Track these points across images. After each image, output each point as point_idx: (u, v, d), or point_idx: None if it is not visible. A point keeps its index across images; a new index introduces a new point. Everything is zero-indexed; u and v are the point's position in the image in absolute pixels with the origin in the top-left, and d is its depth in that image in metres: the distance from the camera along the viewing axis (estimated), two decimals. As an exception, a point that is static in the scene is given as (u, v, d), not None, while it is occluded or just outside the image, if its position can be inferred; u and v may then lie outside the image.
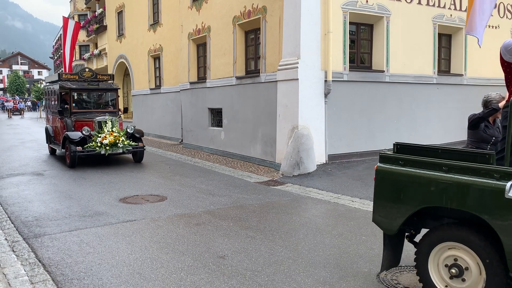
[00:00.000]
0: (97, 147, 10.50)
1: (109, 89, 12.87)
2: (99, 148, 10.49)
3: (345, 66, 10.30)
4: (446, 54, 12.74)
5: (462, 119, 12.61)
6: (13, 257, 4.75)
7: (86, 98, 12.72)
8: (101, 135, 10.67)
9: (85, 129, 10.75)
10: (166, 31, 17.38)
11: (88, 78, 12.71)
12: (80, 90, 12.39)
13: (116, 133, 10.76)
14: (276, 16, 10.44)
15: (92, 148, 10.52)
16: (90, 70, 13.09)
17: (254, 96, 11.44)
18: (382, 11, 10.71)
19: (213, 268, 4.38)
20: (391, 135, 11.14)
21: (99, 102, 12.91)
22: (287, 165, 9.55)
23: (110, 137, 10.57)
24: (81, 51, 38.26)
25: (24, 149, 14.75)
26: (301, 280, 4.09)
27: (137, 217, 6.32)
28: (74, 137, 10.66)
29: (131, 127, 11.33)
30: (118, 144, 10.63)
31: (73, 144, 10.57)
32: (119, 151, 10.76)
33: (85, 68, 13.36)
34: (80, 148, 10.50)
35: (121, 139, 10.72)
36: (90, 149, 10.52)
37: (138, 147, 11.22)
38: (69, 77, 12.59)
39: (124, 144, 10.74)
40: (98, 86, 12.76)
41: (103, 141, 10.51)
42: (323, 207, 6.97)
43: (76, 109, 11.97)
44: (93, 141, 10.61)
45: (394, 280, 4.08)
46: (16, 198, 7.61)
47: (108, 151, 10.51)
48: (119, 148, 10.69)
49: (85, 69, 13.27)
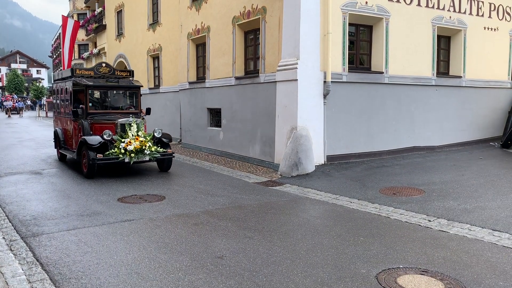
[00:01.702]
0: (120, 154, 9.04)
1: (131, 86, 11.11)
2: (122, 155, 9.03)
3: (344, 67, 10.31)
4: (445, 56, 12.77)
5: (460, 120, 12.70)
6: (11, 256, 4.74)
7: (104, 97, 11.08)
8: (124, 140, 9.18)
9: (106, 133, 9.25)
10: (165, 31, 17.37)
11: (105, 74, 11.04)
12: (98, 87, 10.72)
13: (142, 138, 9.30)
14: (276, 16, 10.45)
15: (114, 155, 9.06)
16: (107, 65, 11.32)
17: (253, 96, 11.44)
18: (382, 12, 10.73)
19: (211, 268, 4.38)
20: (390, 137, 11.18)
21: (118, 102, 11.24)
22: (285, 166, 9.55)
23: (136, 143, 9.11)
24: (80, 50, 38.23)
25: (22, 148, 14.73)
26: (299, 280, 4.09)
27: (135, 216, 6.31)
28: (93, 142, 9.16)
29: (158, 131, 9.92)
30: (144, 151, 9.18)
31: (91, 151, 9.08)
32: (145, 158, 9.27)
33: (101, 63, 11.47)
34: (100, 155, 9.00)
35: (147, 144, 9.27)
36: (113, 156, 9.06)
37: (166, 154, 9.74)
38: (84, 73, 10.97)
39: (151, 151, 9.28)
40: (118, 83, 11.06)
41: (128, 147, 9.05)
42: (321, 208, 6.97)
43: (93, 110, 10.39)
44: (115, 147, 9.16)
45: (392, 281, 4.08)
46: (14, 197, 7.60)
47: (132, 159, 9.05)
48: (146, 156, 9.21)
49: (102, 63, 11.40)
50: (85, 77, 10.74)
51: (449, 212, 6.37)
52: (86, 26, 33.37)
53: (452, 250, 4.90)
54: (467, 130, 12.90)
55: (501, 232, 5.47)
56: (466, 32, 12.50)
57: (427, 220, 6.07)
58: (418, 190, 7.82)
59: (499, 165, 10.08)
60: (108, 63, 11.60)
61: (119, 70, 11.49)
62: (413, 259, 4.64)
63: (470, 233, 5.48)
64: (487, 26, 13.04)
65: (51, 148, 14.71)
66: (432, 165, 10.10)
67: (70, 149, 11.00)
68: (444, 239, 5.31)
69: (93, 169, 9.11)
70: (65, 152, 11.31)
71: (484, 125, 13.34)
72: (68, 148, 11.29)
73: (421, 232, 5.58)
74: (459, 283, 4.02)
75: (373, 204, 6.99)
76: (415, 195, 7.48)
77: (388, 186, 8.16)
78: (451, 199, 7.12)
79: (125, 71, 11.65)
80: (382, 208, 6.75)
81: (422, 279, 4.12)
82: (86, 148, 9.19)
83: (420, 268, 4.38)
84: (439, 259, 4.61)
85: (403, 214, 6.43)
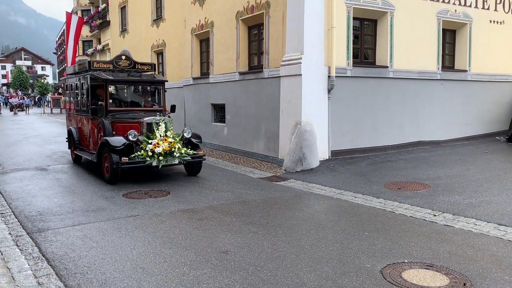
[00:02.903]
0: (147, 157, 8.08)
1: (154, 81, 10.08)
2: (149, 158, 8.07)
3: (349, 61, 10.26)
4: (450, 50, 12.68)
5: (466, 115, 12.62)
6: (17, 251, 4.77)
7: (125, 93, 10.23)
8: (152, 141, 8.22)
9: (132, 134, 8.24)
10: (169, 27, 17.35)
11: (125, 67, 10.10)
12: (119, 82, 9.79)
13: (171, 139, 8.34)
14: (280, 11, 10.40)
15: (140, 158, 8.09)
16: (127, 58, 10.28)
17: (257, 91, 11.42)
18: (386, 6, 10.65)
19: (215, 263, 4.39)
20: (394, 131, 11.13)
21: (140, 98, 10.30)
22: (290, 161, 9.54)
23: (164, 144, 8.17)
24: (84, 46, 38.34)
25: (27, 144, 14.80)
26: (303, 275, 4.09)
27: (140, 212, 6.34)
28: (117, 144, 8.14)
29: (188, 130, 8.95)
30: (173, 153, 8.24)
31: (114, 153, 8.07)
32: (175, 162, 8.33)
33: (120, 55, 10.35)
34: (125, 158, 8.04)
35: (177, 146, 8.32)
36: (139, 159, 8.10)
37: (197, 157, 8.80)
38: (102, 66, 9.97)
39: (180, 153, 8.35)
40: (140, 77, 10.09)
41: (155, 149, 8.10)
42: (326, 203, 6.96)
43: (114, 107, 9.41)
44: (142, 149, 8.20)
45: (397, 275, 4.07)
46: (20, 193, 7.64)
47: (161, 162, 8.09)
48: (175, 158, 8.28)
49: (121, 56, 10.32)
50: (103, 71, 9.79)
51: (454, 207, 6.34)
52: (90, 23, 33.42)
53: (457, 245, 4.88)
54: (472, 124, 12.82)
55: (506, 226, 5.44)
56: (471, 26, 12.39)
57: (432, 215, 6.05)
58: (423, 184, 7.79)
59: (505, 160, 10.01)
60: (128, 56, 10.31)
61: (140, 63, 10.53)
62: (418, 253, 4.63)
63: (475, 228, 5.46)
64: (492, 19, 12.92)
65: (56, 144, 14.79)
66: (437, 159, 10.05)
67: (87, 150, 10.10)
68: (449, 233, 5.29)
69: (117, 174, 8.09)
70: (80, 153, 10.22)
71: (490, 119, 13.26)
72: (84, 149, 10.34)
73: (426, 227, 5.56)
74: (464, 278, 4.01)
75: (378, 199, 6.97)
76: (420, 189, 7.46)
77: (393, 181, 8.13)
78: (456, 193, 7.09)
79: (146, 64, 10.64)
80: (387, 203, 6.73)
81: (427, 274, 4.11)
82: (109, 150, 8.20)
83: (425, 263, 4.37)
84: (444, 254, 4.60)
85: (408, 208, 6.41)
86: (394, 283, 3.90)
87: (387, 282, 3.94)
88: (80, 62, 12.16)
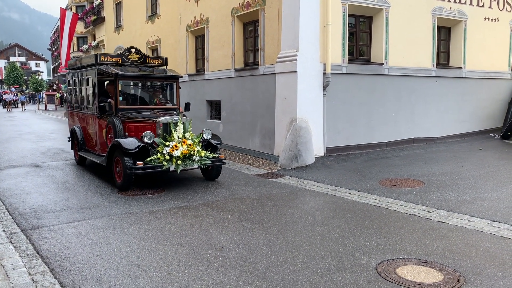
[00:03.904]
0: (164, 161, 7.26)
1: (168, 77, 9.20)
2: (167, 162, 7.26)
3: (344, 58, 10.27)
4: (445, 47, 12.72)
5: (460, 112, 12.68)
6: (11, 248, 4.75)
7: (136, 89, 9.43)
8: (169, 143, 7.39)
9: (147, 135, 7.41)
10: (164, 23, 17.28)
11: (135, 61, 9.24)
12: (131, 78, 8.96)
13: (190, 141, 7.52)
14: (275, 8, 10.38)
15: (157, 162, 7.29)
16: (137, 51, 9.39)
17: (252, 88, 11.41)
18: (382, 3, 10.66)
19: (211, 260, 4.39)
20: (389, 128, 11.17)
21: (152, 95, 9.42)
22: (285, 158, 9.55)
23: (183, 147, 7.35)
24: (79, 42, 38.10)
25: (22, 141, 14.72)
26: (298, 271, 4.11)
27: (135, 209, 6.32)
28: (130, 146, 7.28)
29: (207, 131, 8.17)
30: (193, 157, 7.45)
31: (127, 157, 7.25)
32: (194, 166, 7.53)
33: (130, 48, 9.40)
34: (140, 163, 7.19)
35: (196, 149, 7.52)
36: (156, 164, 7.29)
37: (217, 160, 7.99)
38: (110, 60, 9.10)
39: (200, 157, 7.56)
40: (152, 72, 9.20)
41: (173, 152, 7.28)
42: (321, 200, 6.98)
43: (124, 105, 8.62)
44: (158, 152, 7.40)
45: (391, 271, 4.09)
46: (14, 190, 7.60)
47: (179, 167, 7.29)
48: (194, 162, 7.48)
49: (130, 49, 9.36)
50: (111, 65, 8.99)
51: (448, 203, 6.38)
52: (84, 19, 33.23)
53: (451, 241, 4.91)
54: (467, 121, 12.88)
55: (500, 222, 5.48)
56: (466, 23, 12.44)
57: (426, 211, 6.08)
58: (417, 181, 7.82)
59: (499, 156, 10.08)
60: (138, 49, 9.52)
61: (151, 57, 9.75)
62: (413, 250, 4.65)
63: (469, 224, 5.49)
64: (487, 17, 12.98)
65: (51, 141, 14.72)
66: (431, 156, 10.10)
67: (93, 152, 9.30)
68: (443, 230, 5.32)
69: (131, 180, 7.30)
70: (85, 154, 9.41)
71: (484, 116, 13.33)
72: (89, 150, 9.54)
73: (421, 223, 5.59)
74: (458, 274, 4.03)
75: (373, 196, 7.00)
76: (414, 186, 7.49)
77: (388, 178, 8.16)
78: (450, 190, 7.12)
79: (157, 58, 9.86)
80: (382, 200, 6.76)
81: (421, 270, 4.13)
82: (121, 153, 7.34)
83: (419, 259, 4.39)
84: (439, 250, 4.63)
85: (403, 205, 6.44)
86: (388, 280, 3.92)
87: (381, 278, 3.96)
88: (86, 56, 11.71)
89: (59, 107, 39.66)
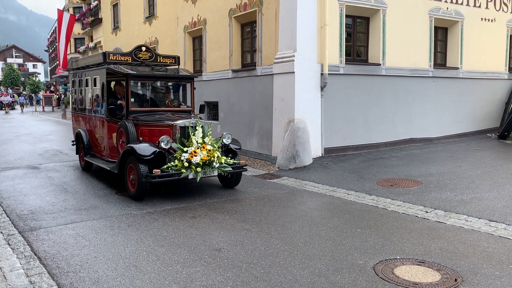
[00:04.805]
0: (183, 168, 6.67)
1: (183, 77, 8.74)
2: (186, 170, 6.67)
3: (342, 59, 10.29)
4: (442, 48, 12.75)
5: (458, 112, 12.71)
6: (9, 250, 4.74)
7: (148, 90, 8.83)
8: (188, 149, 6.80)
9: (164, 140, 6.80)
10: (161, 24, 17.28)
11: (145, 60, 8.72)
12: (143, 78, 8.42)
13: (209, 146, 6.95)
14: (272, 8, 10.40)
15: (175, 169, 6.70)
16: (148, 49, 8.82)
17: (250, 89, 11.41)
18: (379, 4, 10.68)
19: (209, 261, 4.39)
20: (387, 128, 11.19)
21: (164, 97, 8.82)
22: (283, 159, 9.56)
23: (203, 153, 6.78)
24: (76, 44, 38.06)
25: (19, 143, 14.68)
26: (296, 272, 4.11)
27: (133, 210, 6.32)
28: (145, 152, 6.70)
29: (227, 136, 7.62)
30: (213, 163, 6.88)
31: (142, 164, 6.68)
32: (214, 173, 6.97)
33: (140, 46, 8.85)
34: (157, 170, 6.62)
35: (216, 155, 6.95)
36: (174, 171, 6.69)
37: (238, 167, 7.40)
38: (119, 58, 8.51)
39: (220, 163, 6.98)
40: (166, 72, 8.75)
41: (192, 159, 6.70)
42: (318, 200, 6.99)
43: (135, 107, 8.10)
44: (175, 158, 6.78)
45: (389, 271, 4.10)
46: (11, 191, 7.59)
47: (199, 174, 6.72)
48: (214, 170, 6.91)
49: (141, 47, 8.79)
50: (121, 64, 8.51)
51: (446, 203, 6.39)
52: (82, 20, 33.19)
53: (449, 241, 4.92)
54: (464, 122, 12.92)
55: (497, 222, 5.50)
56: (463, 23, 12.47)
57: (424, 211, 6.10)
58: (415, 181, 7.84)
59: (496, 156, 10.11)
60: (149, 47, 9.01)
61: (162, 56, 9.15)
62: (410, 250, 4.66)
63: (466, 224, 5.51)
64: (484, 17, 13.02)
65: (48, 142, 14.70)
66: (429, 156, 10.12)
67: (100, 157, 8.80)
68: (441, 230, 5.33)
69: (146, 188, 6.74)
70: (92, 160, 8.86)
71: (481, 116, 13.36)
72: (96, 155, 9.04)
73: (418, 223, 5.61)
74: (456, 273, 4.05)
75: (371, 196, 7.01)
76: (412, 186, 7.51)
77: (386, 178, 8.18)
78: (448, 190, 7.14)
79: (169, 57, 9.22)
80: (379, 200, 6.77)
81: (419, 270, 4.14)
82: (135, 160, 6.77)
83: (417, 259, 4.40)
84: (436, 250, 4.64)
85: (400, 205, 6.45)
86: (386, 280, 3.93)
87: (379, 278, 3.97)
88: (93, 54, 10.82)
89: (56, 108, 39.59)
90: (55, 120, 27.17)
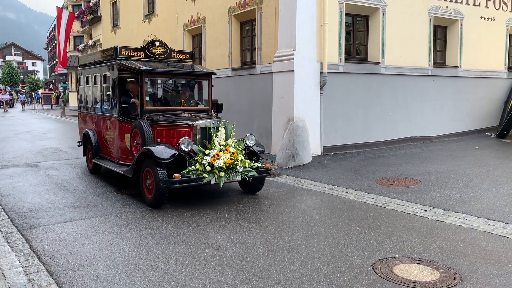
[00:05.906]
0: (204, 172, 6.12)
1: (201, 73, 8.21)
2: (208, 174, 6.12)
3: (341, 57, 10.28)
4: (441, 46, 12.75)
5: (457, 111, 12.71)
6: (7, 248, 4.74)
7: (161, 88, 8.29)
8: (210, 151, 6.25)
9: (185, 142, 6.23)
10: (161, 22, 17.26)
11: (159, 55, 8.10)
12: (159, 74, 7.84)
13: (233, 149, 6.40)
14: (272, 7, 10.38)
15: (196, 174, 6.15)
16: (162, 44, 8.19)
17: (249, 87, 11.41)
18: (378, 2, 10.67)
19: (208, 259, 4.39)
20: (386, 127, 11.19)
21: (181, 95, 8.19)
22: (282, 157, 9.56)
23: (226, 156, 6.24)
24: (75, 42, 37.97)
25: (18, 141, 14.67)
26: (295, 270, 4.11)
27: (132, 208, 6.31)
28: (164, 155, 6.14)
29: (251, 137, 7.07)
30: (236, 167, 6.33)
31: (160, 168, 6.14)
32: (238, 178, 6.39)
33: (153, 40, 8.26)
34: (178, 175, 6.06)
35: (239, 158, 6.39)
36: (195, 176, 6.15)
37: (263, 171, 6.84)
38: (131, 54, 7.88)
39: (244, 167, 6.43)
40: (183, 68, 8.13)
41: (215, 162, 6.15)
42: (318, 199, 6.99)
43: (150, 106, 7.54)
44: (196, 162, 6.23)
45: (388, 270, 4.10)
46: (10, 189, 7.58)
47: (222, 179, 6.18)
48: (238, 174, 6.35)
49: (154, 42, 8.17)
50: (133, 60, 7.88)
51: (445, 202, 6.40)
52: (81, 18, 33.12)
53: (448, 239, 4.93)
54: (463, 120, 12.92)
55: (496, 221, 5.50)
56: (462, 22, 12.47)
57: (423, 210, 6.10)
58: (414, 180, 7.85)
59: (495, 155, 10.11)
60: (163, 42, 8.34)
61: (176, 51, 8.49)
62: (409, 248, 4.67)
63: (465, 223, 5.51)
64: (483, 16, 13.01)
65: (48, 140, 14.68)
66: (428, 155, 10.13)
67: (110, 159, 8.26)
68: (440, 228, 5.34)
69: (164, 194, 6.18)
70: (102, 162, 8.34)
71: (480, 115, 13.37)
72: (106, 157, 8.49)
73: (417, 222, 5.61)
74: (454, 272, 4.05)
75: (370, 195, 7.01)
76: (411, 185, 7.51)
77: (385, 177, 8.18)
78: (447, 189, 7.15)
79: (184, 52, 8.66)
80: (379, 198, 6.78)
81: (418, 268, 4.15)
82: (153, 163, 6.21)
83: (416, 257, 4.41)
84: (435, 248, 4.64)
85: (399, 204, 6.45)
86: (385, 278, 3.93)
87: (378, 277, 3.97)
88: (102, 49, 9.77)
89: (55, 106, 39.54)
90: (54, 118, 27.14)
